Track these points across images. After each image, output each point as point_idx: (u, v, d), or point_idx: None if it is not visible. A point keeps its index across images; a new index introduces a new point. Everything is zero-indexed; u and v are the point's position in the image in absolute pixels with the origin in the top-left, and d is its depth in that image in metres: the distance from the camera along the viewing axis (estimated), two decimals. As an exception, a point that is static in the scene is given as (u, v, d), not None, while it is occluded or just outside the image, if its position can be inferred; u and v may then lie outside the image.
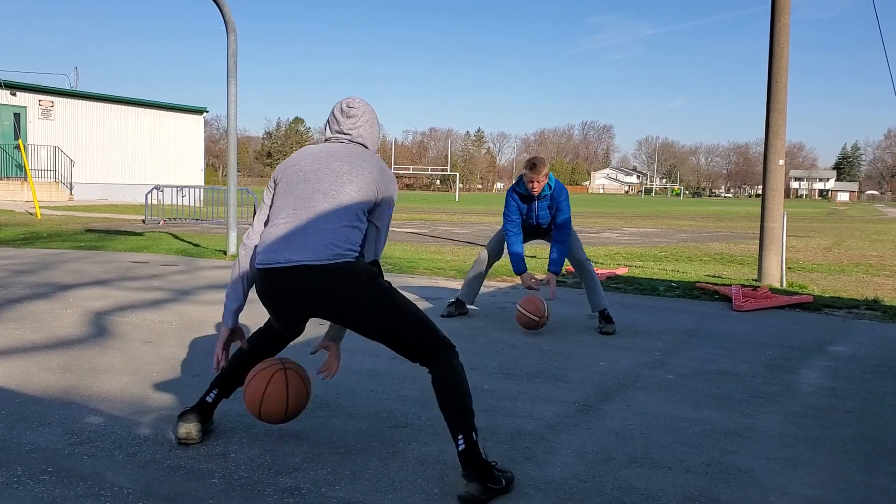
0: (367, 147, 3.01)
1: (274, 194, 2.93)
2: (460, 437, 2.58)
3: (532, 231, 5.77)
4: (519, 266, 5.60)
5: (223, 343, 2.97)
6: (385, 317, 2.69)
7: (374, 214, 2.88)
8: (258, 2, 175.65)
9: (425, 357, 2.70)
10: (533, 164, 5.40)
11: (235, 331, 2.98)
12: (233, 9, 10.03)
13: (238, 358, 3.07)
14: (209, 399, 3.04)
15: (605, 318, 5.53)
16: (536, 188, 5.41)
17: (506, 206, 5.64)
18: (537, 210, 5.56)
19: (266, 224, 2.89)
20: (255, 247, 2.89)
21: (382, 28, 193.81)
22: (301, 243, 2.71)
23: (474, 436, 2.60)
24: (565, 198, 5.55)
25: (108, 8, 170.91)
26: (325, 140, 3.05)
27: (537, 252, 11.92)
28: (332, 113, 3.05)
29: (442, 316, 5.84)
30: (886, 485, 2.78)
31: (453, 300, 6.03)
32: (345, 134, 3.00)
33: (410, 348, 2.71)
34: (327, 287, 2.67)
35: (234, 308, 2.93)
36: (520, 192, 5.56)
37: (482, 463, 2.56)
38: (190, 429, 2.95)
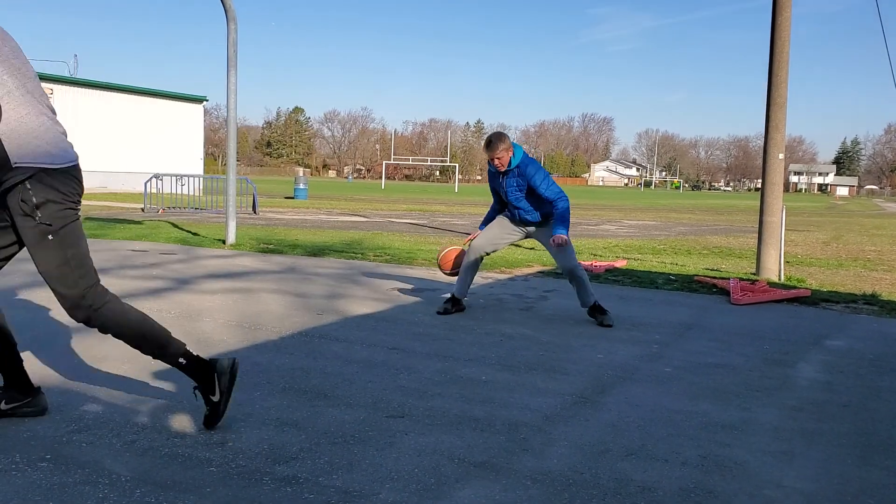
0: None
1: None
2: (180, 359, 2.90)
3: (512, 217, 5.67)
4: (482, 226, 5.88)
5: None
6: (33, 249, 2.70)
7: None
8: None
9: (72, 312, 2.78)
10: (488, 143, 5.38)
11: None
12: (233, -3, 9.99)
13: None
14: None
15: (598, 310, 5.50)
16: (500, 165, 5.37)
17: (490, 182, 5.76)
18: (506, 186, 5.48)
19: None
20: None
21: (383, 19, 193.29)
22: None
23: (182, 360, 2.91)
24: (536, 170, 5.36)
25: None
26: None
27: (536, 244, 11.93)
28: None
29: (438, 313, 5.64)
30: (881, 479, 2.79)
31: (449, 296, 5.81)
32: None
33: (58, 295, 2.76)
34: None
35: None
36: (491, 169, 5.62)
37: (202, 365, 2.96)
38: None
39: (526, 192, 5.44)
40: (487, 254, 5.83)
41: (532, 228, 5.66)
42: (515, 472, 2.70)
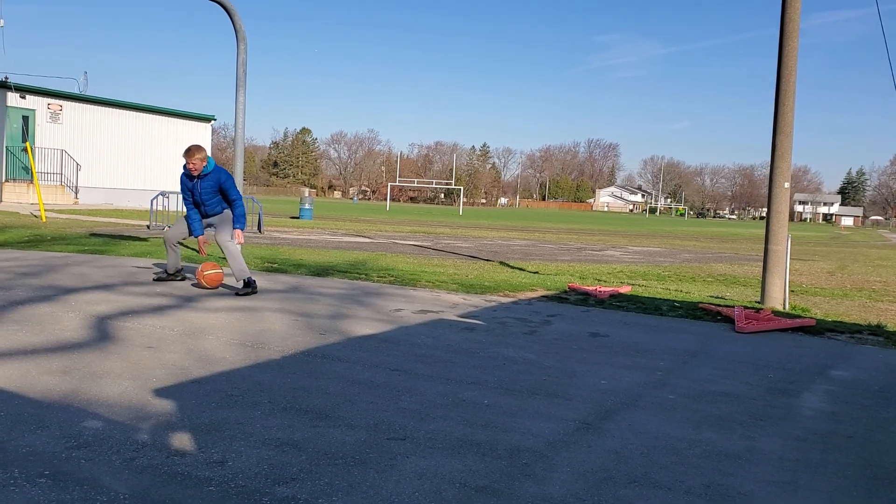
0: None
1: None
2: None
3: (202, 212, 7.39)
4: (197, 230, 7.41)
5: None
6: None
7: None
8: (268, 12, 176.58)
9: None
10: (187, 151, 7.14)
11: None
12: (243, 19, 10.11)
13: None
14: None
15: (246, 283, 7.23)
16: (193, 169, 7.10)
17: (181, 186, 7.37)
18: (200, 188, 7.22)
19: None
20: None
21: (390, 43, 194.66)
22: None
23: None
24: (227, 178, 7.32)
25: (118, 14, 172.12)
26: None
27: (540, 268, 11.92)
28: None
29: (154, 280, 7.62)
30: (887, 512, 2.75)
31: (163, 271, 7.87)
32: None
33: None
34: None
35: None
36: (186, 172, 7.25)
37: None
38: None
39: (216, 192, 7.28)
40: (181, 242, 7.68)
41: (212, 219, 7.44)
42: (517, 498, 2.68)
